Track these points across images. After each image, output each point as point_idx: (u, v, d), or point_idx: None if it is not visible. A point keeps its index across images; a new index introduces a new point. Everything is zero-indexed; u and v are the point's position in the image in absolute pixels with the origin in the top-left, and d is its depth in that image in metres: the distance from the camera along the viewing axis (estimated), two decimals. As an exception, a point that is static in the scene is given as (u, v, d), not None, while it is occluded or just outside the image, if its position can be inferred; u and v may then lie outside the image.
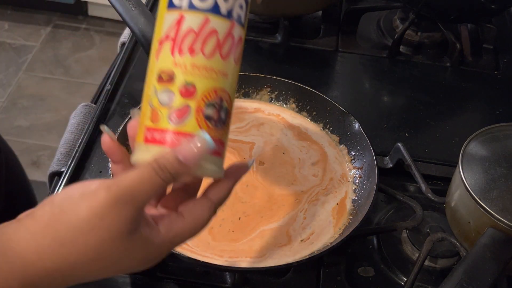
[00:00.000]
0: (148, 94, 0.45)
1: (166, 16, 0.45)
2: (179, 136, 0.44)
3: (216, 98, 0.45)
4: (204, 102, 0.44)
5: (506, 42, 1.04)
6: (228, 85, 0.45)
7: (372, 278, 0.70)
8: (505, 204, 0.63)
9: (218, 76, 0.45)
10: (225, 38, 0.45)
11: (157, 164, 0.42)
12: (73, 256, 0.41)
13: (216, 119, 0.45)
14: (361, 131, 0.74)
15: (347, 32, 1.03)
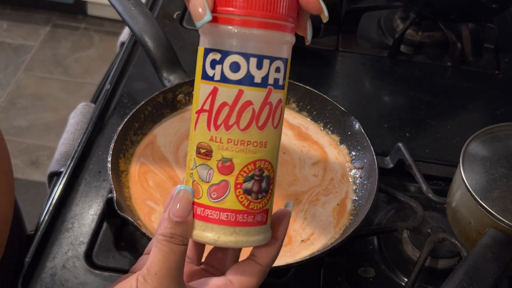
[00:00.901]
0: (190, 165, 0.44)
1: (202, 87, 0.43)
2: (220, 212, 0.43)
3: (255, 169, 0.43)
4: (242, 177, 0.43)
5: (507, 42, 1.04)
6: (269, 153, 0.44)
7: (373, 278, 0.70)
8: (506, 204, 0.62)
9: (256, 147, 0.43)
10: (261, 108, 0.42)
11: (161, 234, 0.42)
12: None
13: (257, 191, 0.43)
14: (362, 131, 0.74)
15: (347, 31, 1.03)
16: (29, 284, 0.65)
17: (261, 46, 0.42)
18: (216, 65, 0.42)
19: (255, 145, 0.43)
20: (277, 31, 0.42)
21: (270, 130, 0.43)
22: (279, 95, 0.43)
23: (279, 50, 0.42)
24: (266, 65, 0.42)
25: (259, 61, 0.42)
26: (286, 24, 0.43)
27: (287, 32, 0.43)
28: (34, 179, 1.85)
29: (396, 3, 1.05)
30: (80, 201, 0.73)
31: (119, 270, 0.67)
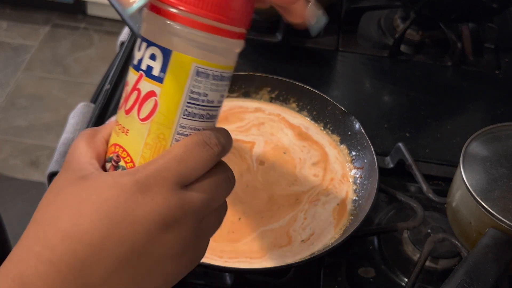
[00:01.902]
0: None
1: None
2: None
3: (113, 154, 0.42)
4: (107, 156, 0.42)
5: (507, 42, 1.04)
6: (129, 143, 0.41)
7: (373, 279, 0.70)
8: (507, 204, 0.62)
9: (120, 131, 0.41)
10: (130, 91, 0.41)
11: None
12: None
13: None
14: (362, 131, 0.74)
15: (347, 31, 1.03)
16: (29, 284, 0.65)
17: (145, 27, 0.40)
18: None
19: (119, 128, 0.42)
20: (161, 17, 0.39)
21: (135, 119, 0.41)
22: (152, 87, 0.40)
23: (162, 38, 0.39)
24: (143, 48, 0.40)
25: (140, 42, 0.41)
26: (175, 12, 0.39)
27: (177, 21, 0.39)
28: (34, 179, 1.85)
29: (396, 3, 1.05)
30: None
31: (118, 270, 0.66)
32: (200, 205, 0.40)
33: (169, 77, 0.40)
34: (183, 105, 0.40)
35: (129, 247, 0.37)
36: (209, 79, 0.41)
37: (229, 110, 0.79)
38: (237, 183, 0.71)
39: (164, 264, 0.39)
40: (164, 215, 0.38)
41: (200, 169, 0.40)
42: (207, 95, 0.41)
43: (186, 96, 0.40)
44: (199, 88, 0.40)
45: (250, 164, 0.74)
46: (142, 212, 0.37)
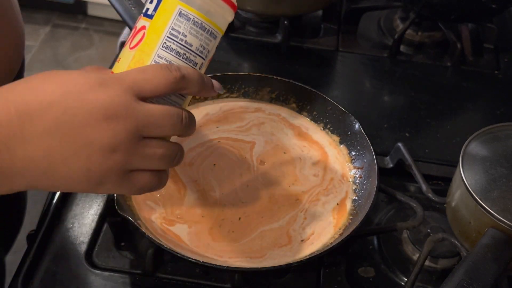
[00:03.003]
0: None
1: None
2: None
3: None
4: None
5: (506, 42, 1.04)
6: (117, 68, 0.50)
7: (373, 278, 0.70)
8: (506, 204, 0.62)
9: (116, 62, 0.50)
10: (133, 31, 0.51)
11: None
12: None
13: None
14: (362, 131, 0.74)
15: (347, 31, 1.03)
16: (29, 283, 0.65)
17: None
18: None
19: (117, 60, 0.50)
20: None
21: (126, 48, 0.50)
22: (144, 22, 0.50)
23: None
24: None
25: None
26: None
27: None
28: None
29: (396, 3, 1.05)
30: (80, 200, 0.73)
31: (119, 270, 0.67)
32: (143, 116, 0.45)
33: (157, 15, 0.49)
34: (163, 38, 0.49)
35: (70, 118, 0.43)
36: (189, 22, 0.49)
37: (229, 110, 0.79)
38: (237, 183, 0.71)
39: (90, 152, 0.44)
40: (108, 105, 0.44)
41: (155, 85, 0.46)
42: (186, 36, 0.49)
43: (167, 31, 0.49)
44: (179, 27, 0.49)
45: (250, 164, 0.74)
46: (92, 97, 0.44)
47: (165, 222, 0.67)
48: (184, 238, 0.66)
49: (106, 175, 0.45)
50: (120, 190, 0.47)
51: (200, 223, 0.67)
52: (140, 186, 0.47)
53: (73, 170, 0.44)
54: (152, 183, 0.48)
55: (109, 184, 0.46)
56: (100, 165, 0.45)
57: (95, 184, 0.45)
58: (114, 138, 0.44)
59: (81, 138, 0.44)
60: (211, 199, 0.69)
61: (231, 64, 0.96)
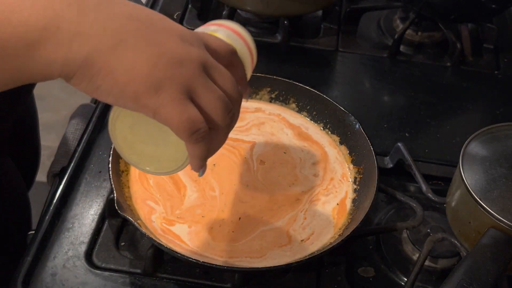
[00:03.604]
0: None
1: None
2: None
3: None
4: None
5: (506, 42, 1.04)
6: None
7: (372, 278, 0.70)
8: (506, 204, 0.62)
9: None
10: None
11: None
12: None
13: None
14: (362, 131, 0.74)
15: (347, 31, 1.03)
16: (30, 283, 0.65)
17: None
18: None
19: None
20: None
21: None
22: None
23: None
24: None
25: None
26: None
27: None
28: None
29: (396, 3, 1.05)
30: (80, 201, 0.73)
31: (119, 270, 0.67)
32: (212, 60, 0.46)
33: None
34: None
35: (152, 18, 0.45)
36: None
37: (229, 110, 0.79)
38: (237, 183, 0.71)
39: (161, 53, 0.43)
40: (186, 33, 0.45)
41: (220, 45, 0.49)
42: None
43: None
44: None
45: (250, 163, 0.74)
46: (173, 23, 0.46)
47: (165, 222, 0.67)
48: (184, 238, 0.66)
49: (168, 81, 0.43)
50: (171, 108, 0.43)
51: (200, 223, 0.67)
52: (191, 117, 0.44)
53: (140, 60, 0.42)
54: (202, 124, 0.45)
55: (166, 93, 0.43)
56: (166, 69, 0.43)
57: (153, 86, 0.43)
58: (186, 54, 0.44)
59: (157, 37, 0.43)
60: (211, 199, 0.70)
61: (231, 64, 0.96)
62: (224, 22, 0.55)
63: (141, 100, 0.43)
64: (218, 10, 1.03)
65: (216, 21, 0.55)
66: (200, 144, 0.46)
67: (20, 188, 0.90)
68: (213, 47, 0.48)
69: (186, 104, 0.44)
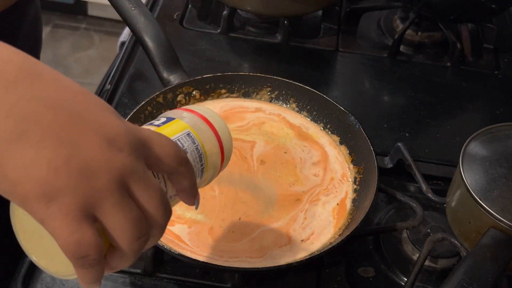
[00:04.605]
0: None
1: None
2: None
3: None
4: None
5: (506, 42, 1.04)
6: None
7: (372, 278, 0.70)
8: (506, 204, 0.62)
9: None
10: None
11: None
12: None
13: None
14: (362, 131, 0.74)
15: (347, 32, 1.03)
16: (30, 283, 0.65)
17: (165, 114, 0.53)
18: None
19: None
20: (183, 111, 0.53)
21: None
22: (148, 127, 0.49)
23: (174, 115, 0.51)
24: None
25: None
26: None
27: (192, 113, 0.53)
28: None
29: (396, 3, 1.05)
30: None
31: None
32: (142, 171, 0.39)
33: (166, 126, 0.49)
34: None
35: (75, 109, 0.37)
36: (193, 145, 0.49)
37: (229, 110, 0.79)
38: (237, 182, 0.71)
39: (71, 155, 0.36)
40: (118, 133, 0.38)
41: (164, 152, 0.41)
42: (187, 153, 0.48)
43: (173, 138, 0.48)
44: (185, 142, 0.48)
45: (250, 163, 0.74)
46: (107, 116, 0.38)
47: (165, 222, 0.67)
48: (184, 238, 0.66)
49: (66, 192, 0.36)
50: (60, 223, 0.36)
51: (200, 223, 0.67)
52: (80, 241, 0.36)
53: (39, 160, 0.35)
54: (92, 251, 0.37)
55: (59, 206, 0.36)
56: (68, 177, 0.36)
57: (46, 194, 0.35)
58: (103, 163, 0.37)
59: (75, 135, 0.36)
60: (211, 199, 0.70)
61: (231, 64, 0.96)
62: (198, 109, 0.52)
63: (29, 205, 0.36)
64: (218, 10, 1.03)
65: (191, 107, 0.52)
66: (87, 270, 0.38)
67: None
68: (155, 153, 0.40)
69: (80, 223, 0.36)
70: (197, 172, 0.49)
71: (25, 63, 0.37)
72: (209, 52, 0.97)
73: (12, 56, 0.37)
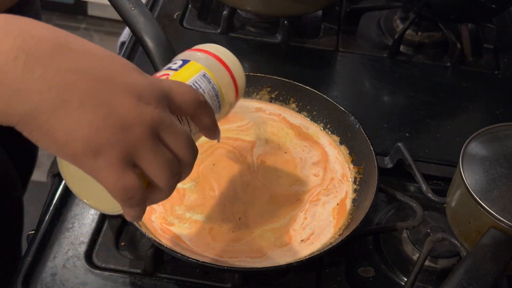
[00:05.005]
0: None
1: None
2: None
3: None
4: None
5: (506, 42, 1.04)
6: None
7: (372, 278, 0.70)
8: (506, 204, 0.62)
9: None
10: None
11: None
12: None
13: None
14: (362, 131, 0.74)
15: (347, 32, 1.03)
16: (29, 283, 0.65)
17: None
18: None
19: None
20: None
21: None
22: (166, 72, 0.54)
23: (190, 58, 0.55)
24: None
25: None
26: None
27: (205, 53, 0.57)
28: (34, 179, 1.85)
29: (396, 3, 1.05)
30: (80, 201, 0.73)
31: (119, 270, 0.67)
32: (169, 120, 0.44)
33: (183, 69, 0.53)
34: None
35: (105, 73, 0.42)
36: (209, 85, 0.53)
37: (229, 110, 0.79)
38: (237, 182, 0.71)
39: (108, 114, 0.41)
40: (144, 88, 0.43)
41: (184, 99, 0.47)
42: (204, 93, 0.53)
43: (191, 81, 0.52)
44: (201, 84, 0.53)
45: (250, 163, 0.74)
46: (133, 73, 0.44)
47: (165, 222, 0.67)
48: (184, 238, 0.66)
49: (108, 146, 0.41)
50: (107, 173, 0.42)
51: (200, 223, 0.67)
52: (126, 185, 0.42)
53: (82, 122, 0.40)
54: (136, 193, 0.43)
55: (104, 158, 0.41)
56: (108, 134, 0.41)
57: (92, 150, 0.41)
58: (136, 117, 0.42)
59: (108, 96, 0.41)
60: (211, 199, 0.70)
61: (231, 64, 0.96)
62: (211, 48, 0.55)
63: (78, 161, 0.42)
64: (218, 10, 1.03)
65: (204, 46, 0.55)
66: (133, 209, 0.45)
67: (15, 186, 0.90)
68: (177, 101, 0.46)
69: (124, 170, 0.42)
70: (215, 108, 0.53)
71: (56, 37, 0.41)
72: (209, 52, 0.97)
73: (45, 32, 0.41)
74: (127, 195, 0.43)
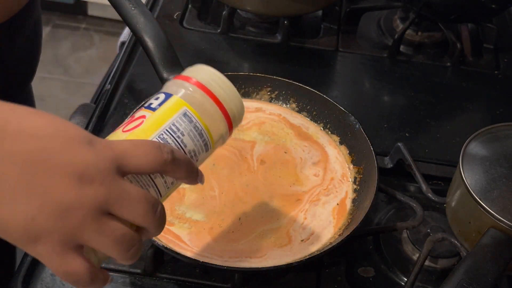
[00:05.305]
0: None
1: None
2: None
3: None
4: None
5: (506, 42, 1.04)
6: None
7: (372, 278, 0.70)
8: (506, 204, 0.62)
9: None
10: (128, 119, 0.50)
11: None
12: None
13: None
14: (362, 131, 0.74)
15: (347, 32, 1.03)
16: (29, 283, 0.65)
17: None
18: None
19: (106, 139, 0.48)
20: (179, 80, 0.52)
21: (119, 131, 0.48)
22: (145, 113, 0.49)
23: (171, 89, 0.51)
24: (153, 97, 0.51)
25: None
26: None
27: (188, 82, 0.51)
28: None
29: (396, 3, 1.05)
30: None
31: (119, 270, 0.67)
32: (118, 192, 0.41)
33: (161, 108, 0.49)
34: (162, 129, 0.48)
35: (44, 159, 0.40)
36: (191, 124, 0.49)
37: (229, 110, 0.79)
38: (237, 182, 0.71)
39: (45, 202, 0.40)
40: (88, 166, 0.40)
41: (142, 162, 0.43)
42: (184, 135, 0.48)
43: (167, 124, 0.48)
44: (180, 125, 0.48)
45: (250, 163, 0.74)
46: (76, 150, 0.41)
47: (165, 222, 0.67)
48: (184, 238, 0.66)
49: (47, 234, 0.40)
50: (49, 259, 0.41)
51: (200, 223, 0.67)
52: (68, 271, 0.41)
53: (16, 214, 0.39)
54: (82, 276, 0.41)
55: (44, 245, 0.40)
56: (45, 222, 0.39)
57: (30, 238, 0.40)
58: (77, 200, 0.40)
59: (44, 181, 0.39)
60: (211, 199, 0.70)
61: (231, 64, 0.96)
62: (199, 75, 0.51)
63: (20, 246, 0.41)
64: (218, 10, 1.03)
65: (193, 73, 0.51)
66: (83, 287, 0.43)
67: None
68: (132, 166, 0.43)
69: (65, 256, 0.41)
70: (199, 148, 0.50)
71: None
72: (209, 52, 0.97)
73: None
74: (71, 279, 0.41)
